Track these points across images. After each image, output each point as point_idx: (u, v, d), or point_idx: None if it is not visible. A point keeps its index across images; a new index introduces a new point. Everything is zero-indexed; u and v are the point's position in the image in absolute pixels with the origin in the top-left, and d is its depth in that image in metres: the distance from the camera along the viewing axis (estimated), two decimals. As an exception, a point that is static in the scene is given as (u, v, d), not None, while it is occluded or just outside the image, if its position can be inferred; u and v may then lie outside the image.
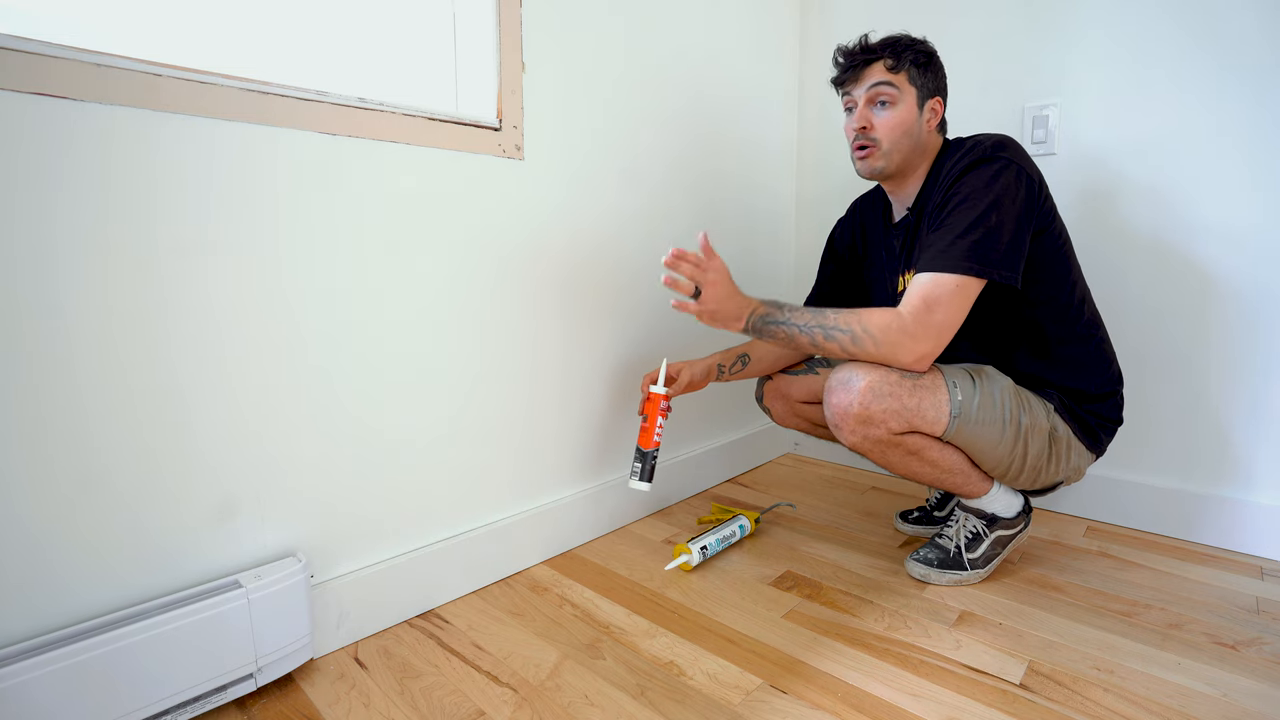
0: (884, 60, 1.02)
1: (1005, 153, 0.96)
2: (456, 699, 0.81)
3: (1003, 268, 0.92)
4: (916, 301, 0.92)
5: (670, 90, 1.36)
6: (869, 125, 1.03)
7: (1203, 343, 1.22)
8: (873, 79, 1.02)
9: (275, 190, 0.82)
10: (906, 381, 0.95)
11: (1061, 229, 1.03)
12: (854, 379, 0.95)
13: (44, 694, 0.64)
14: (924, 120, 1.04)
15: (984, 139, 0.98)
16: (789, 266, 1.82)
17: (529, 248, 1.12)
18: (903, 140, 1.03)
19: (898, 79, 1.01)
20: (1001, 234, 0.92)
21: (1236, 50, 1.14)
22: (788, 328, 0.97)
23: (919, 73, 1.02)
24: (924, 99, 1.03)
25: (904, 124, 1.02)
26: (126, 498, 0.73)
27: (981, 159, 0.95)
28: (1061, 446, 1.02)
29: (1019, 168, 0.95)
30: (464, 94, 1.07)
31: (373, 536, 0.96)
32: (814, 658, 0.89)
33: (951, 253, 0.92)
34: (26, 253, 0.65)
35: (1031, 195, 0.95)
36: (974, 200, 0.93)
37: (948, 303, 0.91)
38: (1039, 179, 0.98)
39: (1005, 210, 0.92)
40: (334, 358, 0.89)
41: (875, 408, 0.94)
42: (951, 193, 0.96)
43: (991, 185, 0.93)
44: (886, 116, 1.02)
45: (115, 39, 0.75)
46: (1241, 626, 0.95)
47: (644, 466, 1.14)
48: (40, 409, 0.67)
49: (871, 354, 0.93)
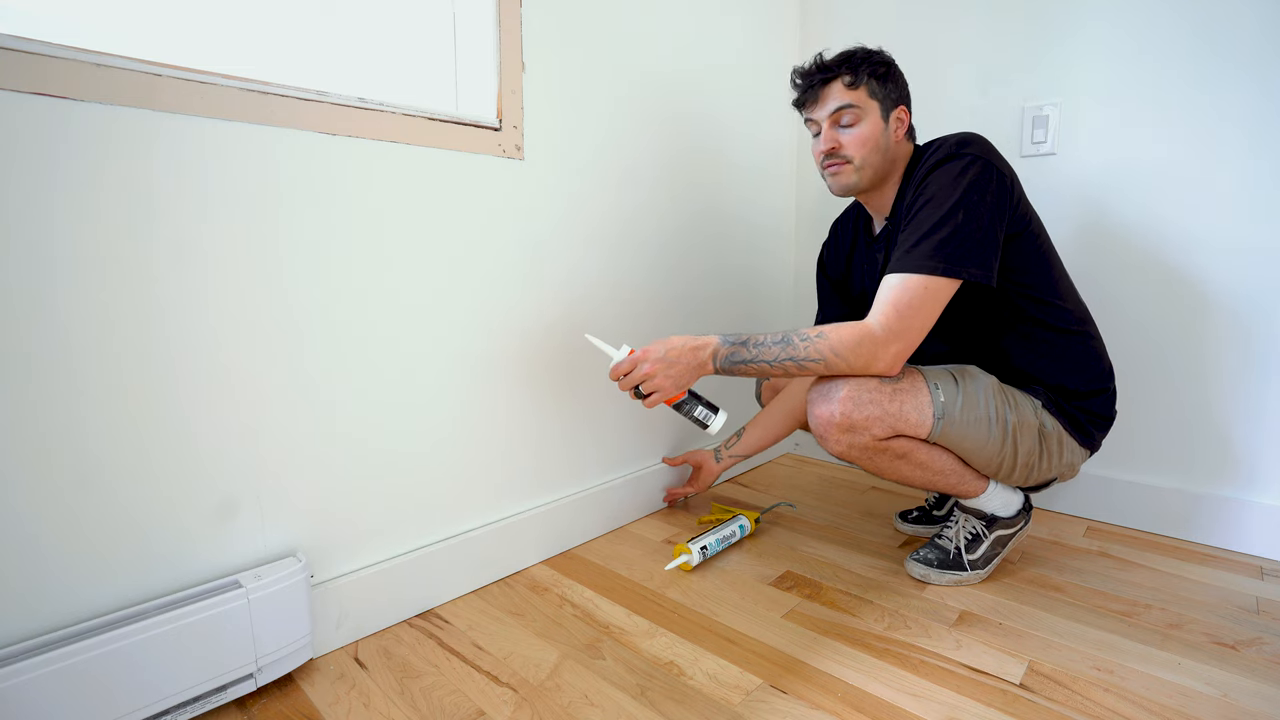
0: (841, 78, 1.00)
1: (970, 148, 0.94)
2: (456, 699, 0.81)
3: (973, 265, 0.90)
4: (886, 307, 0.92)
5: (671, 91, 1.36)
6: (837, 145, 1.02)
7: (1202, 342, 1.22)
8: (833, 101, 1.01)
9: (275, 191, 0.82)
10: (886, 386, 0.95)
11: (1039, 229, 1.02)
12: (833, 389, 0.95)
13: (43, 695, 0.64)
14: (891, 131, 1.03)
15: (949, 137, 0.97)
16: (788, 274, 1.82)
17: (529, 247, 1.12)
18: (873, 155, 1.02)
19: (857, 95, 1.00)
20: (971, 230, 0.90)
21: (1240, 49, 1.14)
22: (756, 364, 0.97)
23: (879, 85, 1.01)
24: (888, 110, 1.02)
25: (871, 138, 1.01)
26: (126, 498, 0.73)
27: (947, 156, 0.94)
28: (1052, 443, 1.02)
29: (985, 162, 0.93)
30: (464, 94, 1.07)
31: (373, 536, 0.96)
32: (814, 658, 0.89)
33: (917, 253, 0.91)
34: (25, 253, 0.65)
35: (1003, 189, 0.94)
36: (940, 198, 0.92)
37: (917, 305, 0.91)
38: (1010, 174, 0.97)
39: (973, 206, 0.91)
40: (333, 358, 0.89)
41: (857, 415, 0.94)
42: (919, 193, 0.95)
43: (958, 181, 0.92)
44: (853, 134, 1.01)
45: (115, 39, 0.75)
46: (1241, 626, 0.95)
47: (700, 405, 1.06)
48: (39, 409, 0.67)
49: (845, 372, 0.94)
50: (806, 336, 0.94)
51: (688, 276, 1.46)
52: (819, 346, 0.93)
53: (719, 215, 1.54)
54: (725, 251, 1.57)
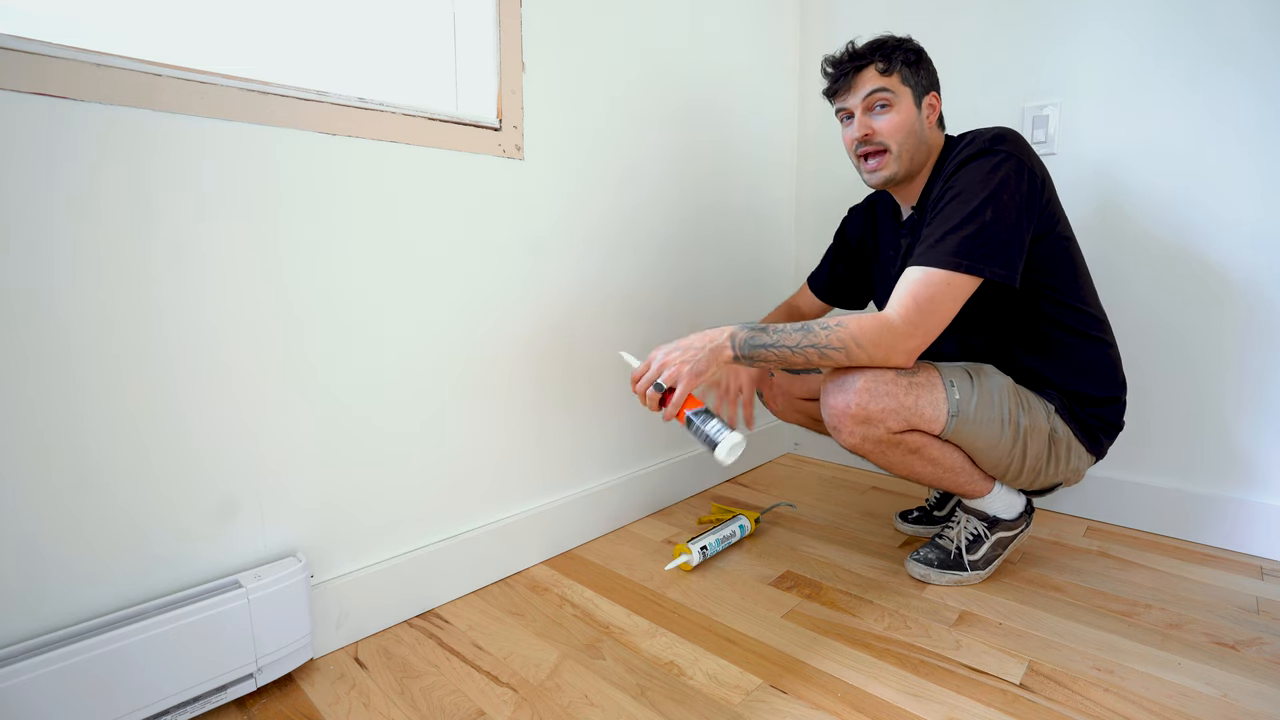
0: (875, 64, 1.00)
1: (1004, 145, 0.93)
2: (456, 699, 0.81)
3: (997, 265, 0.90)
4: (906, 299, 0.91)
5: (671, 91, 1.36)
6: (871, 132, 1.02)
7: (1204, 342, 1.22)
8: (867, 86, 1.01)
9: (274, 191, 0.82)
10: (903, 380, 0.94)
11: (1067, 231, 1.01)
12: (850, 380, 0.95)
13: (43, 695, 0.64)
14: (924, 117, 1.03)
15: (984, 131, 0.97)
16: (789, 271, 1.82)
17: (530, 246, 1.12)
18: (909, 140, 1.02)
19: (891, 81, 1.00)
20: (997, 229, 0.90)
21: (1241, 46, 1.14)
22: (777, 349, 0.95)
23: (911, 71, 1.01)
24: (920, 96, 1.02)
25: (907, 124, 1.01)
26: (125, 498, 0.73)
27: (980, 152, 0.94)
28: (1061, 448, 1.02)
29: (1018, 160, 0.93)
30: (464, 94, 1.07)
31: (373, 536, 0.96)
32: (814, 658, 0.89)
33: (942, 247, 0.91)
34: (24, 253, 0.65)
35: (1034, 189, 0.93)
36: (969, 194, 0.92)
37: (938, 300, 0.90)
38: (1042, 174, 0.96)
39: (1002, 204, 0.90)
40: (333, 358, 0.89)
41: (873, 407, 0.93)
42: (948, 185, 0.95)
43: (989, 179, 0.91)
44: (888, 120, 1.01)
45: (115, 39, 0.75)
46: (1241, 626, 0.95)
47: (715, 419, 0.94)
48: (39, 409, 0.67)
49: (865, 363, 0.93)
50: (827, 325, 0.93)
51: (688, 274, 1.46)
52: (840, 335, 0.92)
53: (719, 212, 1.54)
54: (726, 248, 1.57)
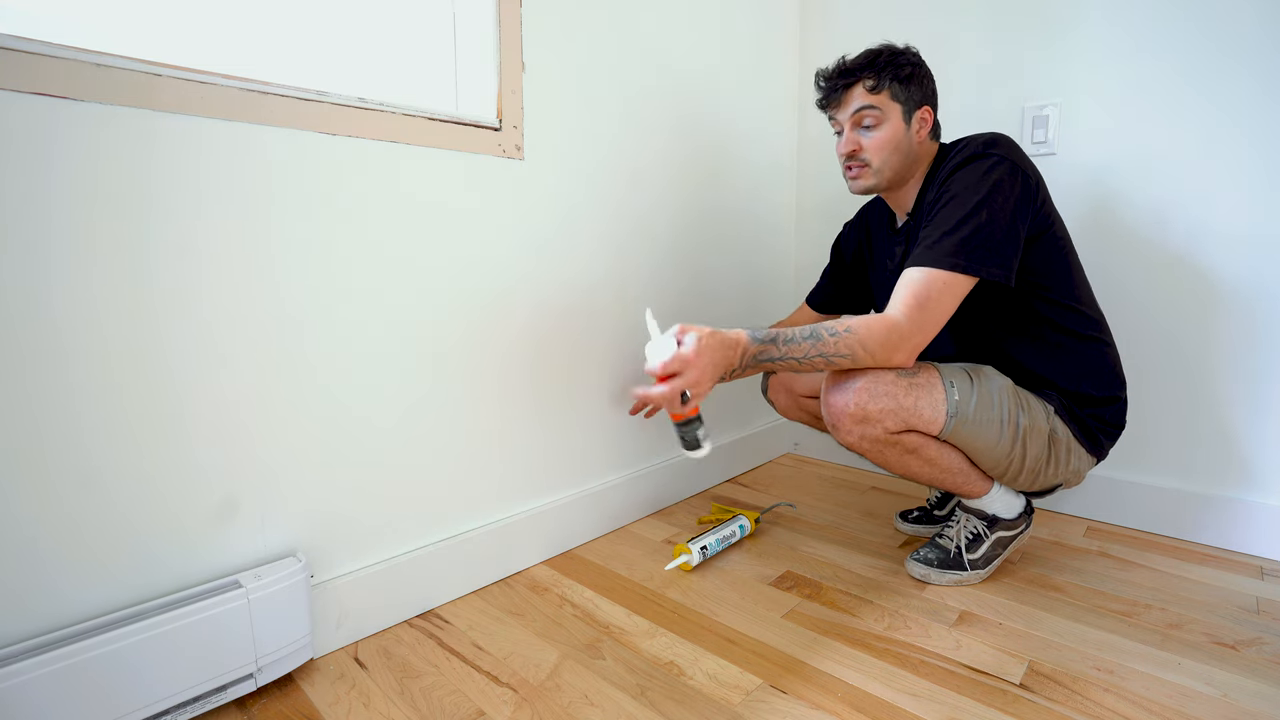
0: (863, 81, 1.01)
1: (997, 149, 0.95)
2: (456, 699, 0.81)
3: (993, 265, 0.91)
4: (908, 298, 0.92)
5: (671, 92, 1.36)
6: (858, 148, 1.04)
7: (1203, 342, 1.22)
8: (854, 104, 1.02)
9: (274, 191, 0.82)
10: (903, 380, 0.95)
11: (1063, 233, 1.02)
12: (850, 380, 0.96)
13: (43, 695, 0.64)
14: (913, 132, 1.04)
15: (977, 137, 0.98)
16: (789, 275, 1.82)
17: (530, 247, 1.12)
18: (892, 157, 1.03)
19: (879, 99, 1.01)
20: (993, 230, 0.91)
21: (1239, 45, 1.14)
22: (785, 362, 0.94)
23: (902, 87, 1.01)
24: (910, 111, 1.03)
25: (892, 141, 1.02)
26: (125, 498, 0.73)
27: (974, 156, 0.95)
28: (1061, 449, 1.02)
29: (1011, 163, 0.94)
30: (464, 94, 1.07)
31: (373, 536, 0.96)
32: (814, 658, 0.89)
33: (939, 248, 0.92)
34: (23, 253, 0.65)
35: (1027, 191, 0.95)
36: (964, 197, 0.93)
37: (937, 299, 0.91)
38: (1035, 176, 0.98)
39: (997, 206, 0.92)
40: (333, 358, 0.89)
41: (872, 407, 0.94)
42: (944, 189, 0.96)
43: (983, 181, 0.93)
44: (874, 137, 1.03)
45: (114, 39, 0.75)
46: (1241, 626, 0.95)
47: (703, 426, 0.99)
48: (38, 410, 0.67)
49: (870, 365, 0.94)
50: (835, 331, 0.93)
51: (689, 275, 1.46)
52: (848, 341, 0.92)
53: (720, 213, 1.54)
54: (727, 249, 1.57)
